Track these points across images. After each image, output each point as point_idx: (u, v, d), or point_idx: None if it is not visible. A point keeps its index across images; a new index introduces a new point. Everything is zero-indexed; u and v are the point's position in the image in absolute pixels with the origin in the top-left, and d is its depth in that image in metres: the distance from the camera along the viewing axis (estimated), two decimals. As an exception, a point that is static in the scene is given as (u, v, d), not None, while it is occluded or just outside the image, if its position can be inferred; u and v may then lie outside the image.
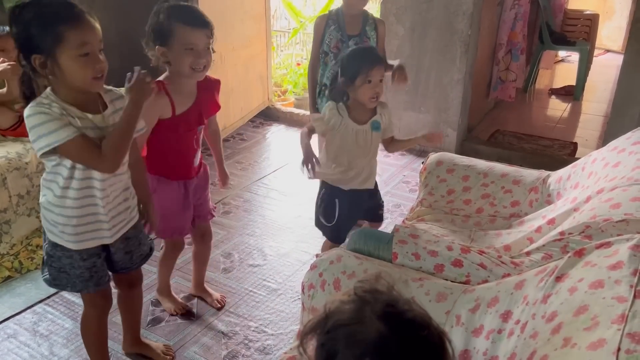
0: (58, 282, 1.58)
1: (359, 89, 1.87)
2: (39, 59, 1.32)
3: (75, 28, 1.32)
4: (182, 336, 2.03)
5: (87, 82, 1.37)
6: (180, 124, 1.76)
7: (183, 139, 1.81)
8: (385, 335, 0.71)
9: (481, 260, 1.51)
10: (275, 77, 5.03)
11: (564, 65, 6.43)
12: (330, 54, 2.49)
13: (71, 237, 1.49)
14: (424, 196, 2.20)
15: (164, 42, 1.65)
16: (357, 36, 2.46)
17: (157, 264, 2.14)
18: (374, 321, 0.72)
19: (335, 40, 2.47)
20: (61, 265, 1.54)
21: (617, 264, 1.03)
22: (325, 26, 2.49)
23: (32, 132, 1.34)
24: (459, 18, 3.43)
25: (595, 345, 0.87)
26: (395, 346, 0.71)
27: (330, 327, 0.75)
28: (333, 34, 2.47)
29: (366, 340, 0.71)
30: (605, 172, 1.70)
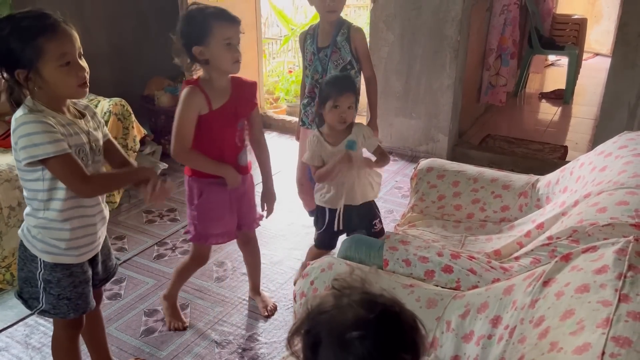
0: (58, 310, 1.51)
1: (328, 113, 1.97)
2: (22, 73, 1.33)
3: (53, 39, 1.32)
4: (175, 346, 2.03)
5: (72, 91, 1.39)
6: (217, 119, 1.81)
7: (223, 135, 1.86)
8: (362, 316, 0.80)
9: (471, 265, 1.53)
10: (267, 85, 5.05)
11: (553, 69, 6.49)
12: (308, 67, 2.49)
13: (74, 250, 1.48)
14: (415, 202, 2.21)
15: (201, 41, 1.71)
16: (327, 48, 2.40)
17: (175, 271, 2.15)
18: (351, 307, 0.81)
19: (309, 53, 2.46)
20: (61, 289, 1.49)
21: (603, 268, 1.04)
22: (304, 41, 2.49)
23: (24, 139, 1.32)
24: (448, 24, 3.46)
25: (581, 350, 0.88)
26: (371, 323, 0.79)
27: (313, 315, 0.84)
28: (308, 47, 2.46)
29: (346, 322, 0.80)
30: (592, 176, 1.72)
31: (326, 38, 2.40)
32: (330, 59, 2.38)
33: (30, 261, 1.48)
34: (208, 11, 1.73)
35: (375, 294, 0.84)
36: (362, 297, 0.83)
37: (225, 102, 1.82)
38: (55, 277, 1.48)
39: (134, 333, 2.09)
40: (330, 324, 0.81)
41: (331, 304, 0.83)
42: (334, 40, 2.37)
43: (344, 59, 2.38)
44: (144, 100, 3.73)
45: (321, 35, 2.42)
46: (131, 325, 2.13)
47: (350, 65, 2.38)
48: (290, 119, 4.37)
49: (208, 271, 2.48)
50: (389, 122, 3.91)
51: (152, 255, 2.63)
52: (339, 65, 2.38)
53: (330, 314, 0.82)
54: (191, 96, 1.76)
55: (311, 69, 2.45)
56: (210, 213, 1.93)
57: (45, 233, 1.44)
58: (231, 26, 1.73)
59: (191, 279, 2.42)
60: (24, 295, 1.53)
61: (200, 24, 1.71)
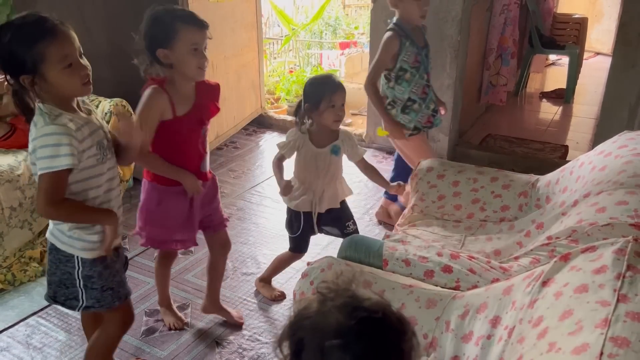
0: (104, 301, 1.55)
1: (323, 113, 1.95)
2: (27, 79, 1.34)
3: (54, 43, 1.33)
4: (175, 346, 2.03)
5: (78, 90, 1.42)
6: (182, 125, 1.76)
7: (188, 142, 1.81)
8: (342, 322, 0.79)
9: (471, 265, 1.53)
10: (268, 85, 5.05)
11: (554, 68, 6.48)
12: (411, 70, 2.46)
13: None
14: (415, 202, 2.22)
15: (167, 44, 1.65)
16: (425, 47, 2.48)
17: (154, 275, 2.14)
18: (334, 313, 0.80)
19: (413, 55, 2.44)
20: (104, 281, 1.53)
21: (602, 268, 1.04)
22: (400, 44, 2.42)
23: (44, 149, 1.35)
24: (448, 24, 3.46)
25: (579, 350, 0.88)
26: (352, 331, 0.78)
27: (297, 320, 0.84)
28: (410, 49, 2.43)
29: (326, 328, 0.79)
30: (592, 176, 1.72)
31: (419, 38, 2.48)
32: (427, 56, 2.49)
33: (65, 262, 1.51)
34: (176, 13, 1.68)
35: (359, 299, 0.82)
36: (346, 302, 0.81)
37: (189, 108, 1.76)
38: (97, 271, 1.52)
39: (134, 333, 2.09)
40: (312, 330, 0.81)
41: (314, 310, 0.82)
42: (425, 39, 2.51)
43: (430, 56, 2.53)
44: (145, 100, 3.73)
45: (415, 36, 2.46)
46: (132, 326, 2.13)
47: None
48: (291, 118, 4.37)
49: (209, 271, 2.48)
50: (390, 122, 3.91)
51: (153, 256, 2.62)
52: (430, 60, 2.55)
53: (313, 320, 0.81)
54: (155, 98, 1.69)
55: (421, 70, 2.47)
56: (167, 222, 1.86)
57: (81, 232, 1.48)
58: (199, 31, 1.67)
59: (191, 278, 2.43)
60: (59, 298, 1.56)
61: (166, 27, 1.65)
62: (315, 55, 6.11)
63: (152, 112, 1.69)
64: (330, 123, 1.98)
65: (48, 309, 2.21)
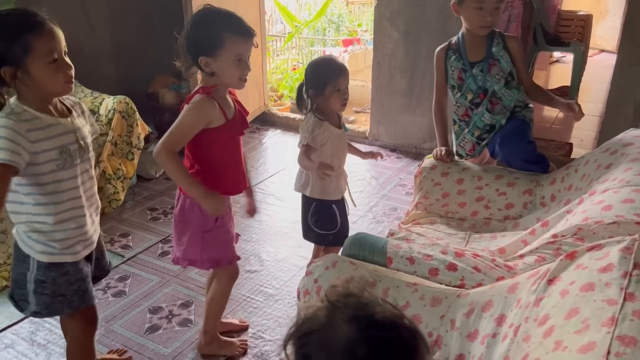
0: (52, 308, 1.51)
1: (329, 98, 1.92)
2: (9, 70, 1.33)
3: (41, 36, 1.33)
4: (179, 343, 2.03)
5: (59, 87, 1.40)
6: (232, 129, 1.71)
7: (235, 145, 1.77)
8: (352, 339, 0.73)
9: (475, 263, 1.52)
10: (271, 82, 5.05)
11: (558, 66, 6.45)
12: (456, 87, 2.28)
13: (69, 249, 1.49)
14: (419, 200, 2.21)
15: (210, 53, 1.57)
16: (482, 62, 2.20)
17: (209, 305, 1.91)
18: (343, 326, 0.75)
19: (457, 71, 2.25)
20: (56, 287, 1.49)
21: (608, 267, 1.04)
22: (445, 58, 2.27)
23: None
24: (453, 21, 3.43)
25: (586, 349, 0.87)
26: (361, 349, 0.73)
27: (304, 333, 0.78)
28: (454, 64, 2.25)
29: (335, 344, 0.74)
30: (597, 174, 1.71)
31: (478, 51, 2.21)
32: (488, 72, 2.19)
33: (22, 262, 1.48)
34: (224, 21, 1.58)
35: (371, 311, 0.76)
36: (356, 315, 0.75)
37: (234, 111, 1.72)
38: (50, 277, 1.48)
39: (138, 330, 2.10)
40: (320, 347, 0.75)
41: (322, 322, 0.77)
42: (489, 52, 2.18)
43: (504, 70, 2.19)
44: (149, 97, 3.74)
45: (470, 49, 2.22)
46: (136, 323, 2.14)
47: (511, 76, 2.21)
48: (295, 116, 4.36)
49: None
50: (393, 119, 3.90)
51: (157, 253, 2.63)
52: (501, 78, 2.20)
53: (320, 335, 0.76)
54: (206, 106, 1.60)
55: (464, 88, 2.25)
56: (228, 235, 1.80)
57: (40, 235, 1.45)
58: (245, 41, 1.59)
59: (195, 276, 2.43)
60: (15, 296, 1.53)
61: (212, 35, 1.56)
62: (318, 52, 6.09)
63: (199, 119, 1.61)
64: (337, 107, 1.95)
65: (52, 306, 2.22)
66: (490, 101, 2.23)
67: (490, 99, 2.22)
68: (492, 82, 2.20)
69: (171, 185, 3.34)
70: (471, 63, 2.21)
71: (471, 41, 2.22)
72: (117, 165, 2.99)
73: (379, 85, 3.87)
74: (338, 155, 2.04)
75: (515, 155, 2.19)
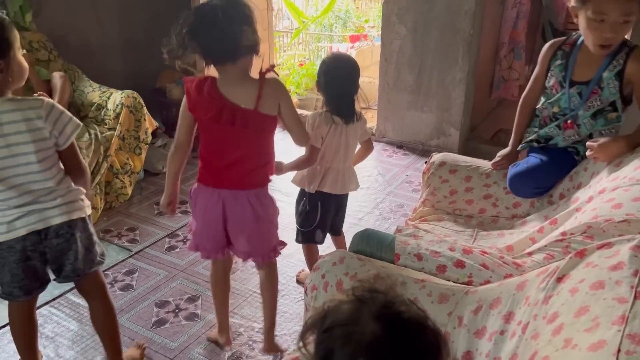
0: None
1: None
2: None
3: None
4: (186, 337, 2.04)
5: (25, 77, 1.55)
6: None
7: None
8: (379, 336, 0.72)
9: (483, 260, 1.52)
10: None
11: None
12: (549, 92, 1.99)
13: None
14: (426, 196, 2.21)
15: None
16: (585, 85, 1.85)
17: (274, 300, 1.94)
18: (370, 322, 0.74)
19: (554, 79, 1.94)
20: None
21: (618, 265, 1.03)
22: (551, 57, 1.95)
23: None
24: (461, 17, 3.43)
25: (596, 347, 0.87)
26: (387, 347, 0.72)
27: (328, 326, 0.76)
28: (555, 71, 1.93)
29: (360, 340, 0.73)
30: (607, 171, 1.70)
31: (587, 71, 1.85)
32: (586, 99, 1.86)
33: None
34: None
35: (398, 309, 0.76)
36: (382, 312, 0.75)
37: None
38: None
39: (145, 324, 2.11)
40: (344, 340, 0.74)
41: (348, 316, 0.76)
42: (598, 77, 1.82)
43: (603, 101, 1.85)
44: (156, 92, 3.75)
45: (580, 66, 1.87)
46: (143, 317, 2.15)
47: (611, 107, 1.86)
48: (301, 112, 4.36)
49: (219, 263, 2.49)
50: (400, 115, 3.90)
51: (164, 247, 2.64)
52: (592, 108, 1.87)
53: (345, 330, 0.75)
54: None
55: (553, 100, 1.96)
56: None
57: None
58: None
59: (202, 270, 2.44)
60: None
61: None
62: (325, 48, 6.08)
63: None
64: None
65: (60, 299, 2.23)
66: (566, 121, 1.93)
67: (569, 119, 1.93)
68: (583, 108, 1.88)
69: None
70: (572, 81, 1.87)
71: (585, 56, 1.85)
72: (124, 159, 3.00)
73: (387, 81, 3.86)
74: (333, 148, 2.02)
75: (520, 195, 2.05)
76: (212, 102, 1.61)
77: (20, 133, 1.45)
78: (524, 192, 2.02)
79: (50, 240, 1.54)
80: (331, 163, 2.02)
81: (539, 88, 2.04)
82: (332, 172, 2.05)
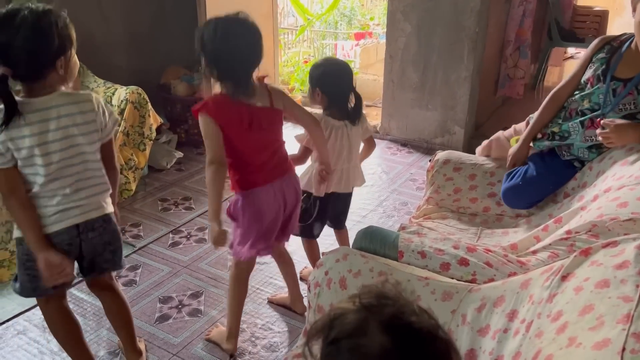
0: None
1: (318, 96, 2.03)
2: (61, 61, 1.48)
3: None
4: (189, 333, 2.04)
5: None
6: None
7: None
8: (388, 350, 0.69)
9: (487, 258, 1.51)
10: (282, 75, 5.04)
11: (573, 62, 6.38)
12: (583, 86, 1.91)
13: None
14: (430, 194, 2.20)
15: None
16: (625, 83, 1.75)
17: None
18: (378, 334, 0.70)
19: (593, 72, 1.86)
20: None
21: (623, 264, 1.02)
22: (597, 50, 1.88)
23: None
24: (467, 15, 3.41)
25: (600, 345, 0.87)
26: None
27: (334, 338, 0.72)
28: (596, 64, 1.86)
29: (369, 354, 0.69)
30: (613, 170, 1.69)
31: (630, 69, 1.77)
32: (620, 99, 1.76)
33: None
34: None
35: (407, 320, 0.71)
36: (391, 322, 0.70)
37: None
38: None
39: (148, 319, 2.11)
40: (351, 353, 0.70)
41: (354, 327, 0.71)
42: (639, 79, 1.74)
43: (638, 105, 1.75)
44: (161, 88, 3.75)
45: (625, 64, 1.78)
46: (146, 312, 2.16)
47: None
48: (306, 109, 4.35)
49: (222, 260, 2.49)
50: (405, 113, 3.89)
51: (167, 243, 2.65)
52: (623, 111, 1.77)
53: (352, 342, 0.71)
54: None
55: (585, 94, 1.87)
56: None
57: None
58: None
59: (206, 267, 2.44)
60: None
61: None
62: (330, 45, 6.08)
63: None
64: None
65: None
66: (593, 120, 1.82)
67: (595, 118, 1.81)
68: (614, 110, 1.78)
69: (182, 176, 3.36)
70: (613, 77, 1.78)
71: (632, 55, 1.76)
72: (128, 155, 3.01)
73: (391, 79, 3.85)
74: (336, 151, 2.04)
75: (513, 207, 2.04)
76: (242, 111, 1.67)
77: (77, 125, 1.50)
78: (517, 206, 2.02)
79: (86, 234, 1.57)
80: (335, 165, 2.03)
81: (575, 84, 1.95)
82: (337, 172, 2.06)
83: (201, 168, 3.45)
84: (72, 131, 1.49)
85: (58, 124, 1.46)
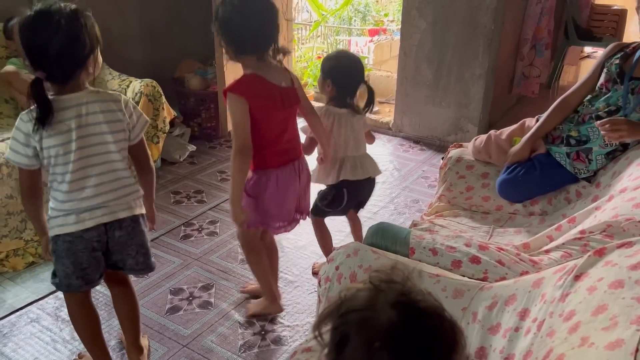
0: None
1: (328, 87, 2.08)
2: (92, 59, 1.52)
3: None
4: (199, 325, 2.06)
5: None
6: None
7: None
8: (395, 323, 0.72)
9: (499, 257, 1.50)
10: (295, 71, 5.04)
11: (589, 61, 6.30)
12: (598, 92, 1.90)
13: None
14: (442, 192, 2.19)
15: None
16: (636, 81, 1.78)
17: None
18: (386, 309, 0.73)
19: (607, 75, 1.86)
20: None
21: (638, 264, 1.01)
22: (611, 56, 1.90)
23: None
24: (483, 12, 3.39)
25: (613, 345, 0.86)
26: (404, 334, 0.72)
27: (344, 312, 0.76)
28: (611, 68, 1.86)
29: (377, 326, 0.73)
30: (629, 171, 1.67)
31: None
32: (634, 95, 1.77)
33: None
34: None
35: (414, 298, 0.75)
36: (399, 300, 0.74)
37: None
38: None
39: (159, 311, 2.13)
40: (360, 326, 0.74)
41: (364, 302, 0.76)
42: None
43: None
44: (175, 82, 3.77)
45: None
46: (157, 303, 2.17)
47: None
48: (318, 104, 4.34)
49: (233, 253, 2.51)
50: (418, 111, 3.87)
51: (179, 235, 2.67)
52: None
53: (362, 315, 0.75)
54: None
55: (602, 98, 1.87)
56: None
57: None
58: None
59: (217, 259, 2.46)
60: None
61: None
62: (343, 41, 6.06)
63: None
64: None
65: (77, 284, 2.26)
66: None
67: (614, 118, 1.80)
68: (635, 110, 1.77)
69: (194, 169, 3.38)
70: (632, 77, 1.77)
71: None
72: (142, 148, 3.03)
73: (405, 75, 3.84)
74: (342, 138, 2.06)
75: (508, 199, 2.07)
76: (272, 91, 1.73)
77: (103, 123, 1.50)
78: (511, 198, 2.07)
79: (114, 232, 1.57)
80: (344, 152, 2.06)
81: (587, 88, 1.95)
82: (349, 161, 2.07)
83: (214, 161, 3.46)
84: (99, 129, 1.49)
85: (86, 120, 1.47)
